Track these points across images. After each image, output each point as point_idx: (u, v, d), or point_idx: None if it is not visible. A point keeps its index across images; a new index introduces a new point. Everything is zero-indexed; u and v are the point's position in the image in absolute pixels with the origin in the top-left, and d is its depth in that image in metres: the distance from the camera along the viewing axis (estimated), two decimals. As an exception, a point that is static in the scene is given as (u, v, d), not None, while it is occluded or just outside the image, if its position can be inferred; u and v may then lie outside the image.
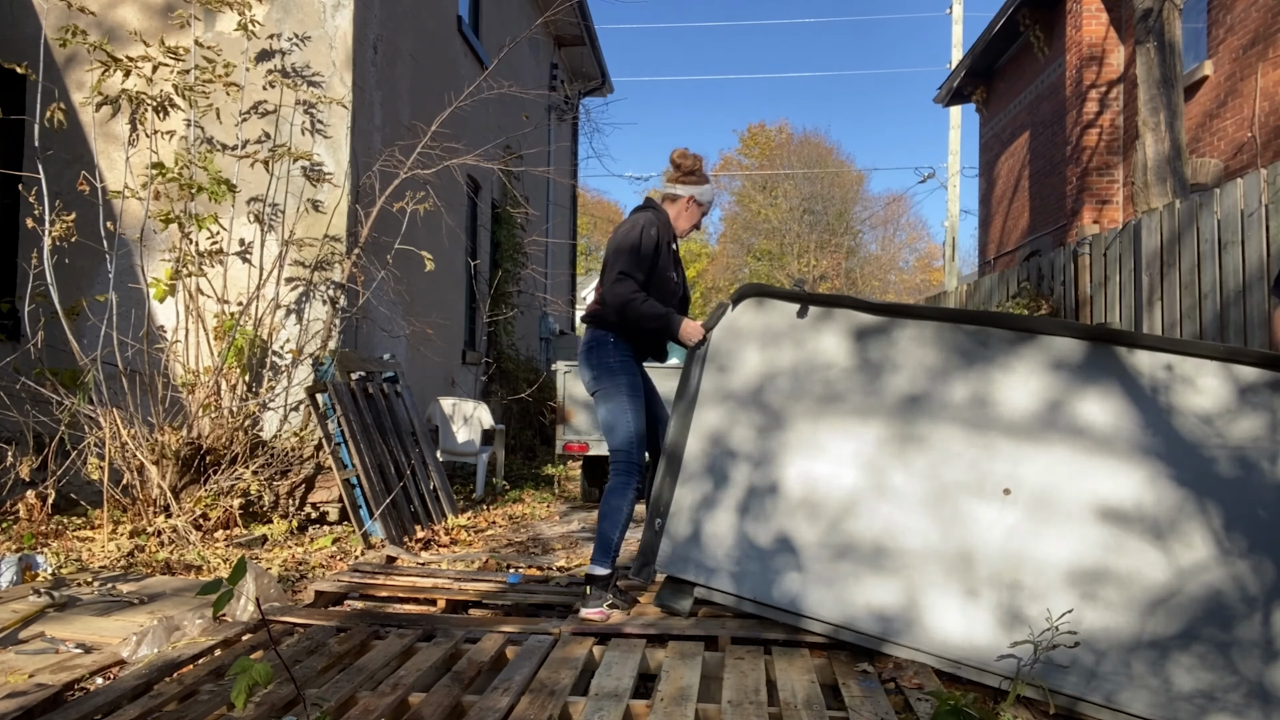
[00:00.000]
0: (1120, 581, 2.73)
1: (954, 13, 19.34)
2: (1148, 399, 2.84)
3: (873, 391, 3.20)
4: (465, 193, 9.22)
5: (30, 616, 3.54)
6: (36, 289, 5.66)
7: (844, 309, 3.29)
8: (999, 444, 2.98)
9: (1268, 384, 2.70)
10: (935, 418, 3.08)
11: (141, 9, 6.42)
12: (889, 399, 3.17)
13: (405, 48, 7.47)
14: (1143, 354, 2.86)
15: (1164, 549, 2.71)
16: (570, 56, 14.72)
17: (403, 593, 4.08)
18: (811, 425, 3.26)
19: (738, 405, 3.41)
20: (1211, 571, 2.64)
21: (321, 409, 5.73)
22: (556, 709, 2.59)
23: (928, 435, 3.08)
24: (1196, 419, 2.76)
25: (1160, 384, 2.84)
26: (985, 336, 3.06)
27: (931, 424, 3.09)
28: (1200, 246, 5.00)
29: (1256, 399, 2.71)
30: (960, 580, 2.93)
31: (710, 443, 3.43)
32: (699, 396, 3.46)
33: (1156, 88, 6.96)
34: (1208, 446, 2.73)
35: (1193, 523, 2.70)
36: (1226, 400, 2.74)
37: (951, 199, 19.16)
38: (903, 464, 3.10)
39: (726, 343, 3.45)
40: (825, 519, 3.19)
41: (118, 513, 5.48)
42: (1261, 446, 2.68)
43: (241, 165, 6.22)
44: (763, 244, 40.24)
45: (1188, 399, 2.79)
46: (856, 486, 3.15)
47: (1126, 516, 2.78)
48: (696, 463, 3.45)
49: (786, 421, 3.31)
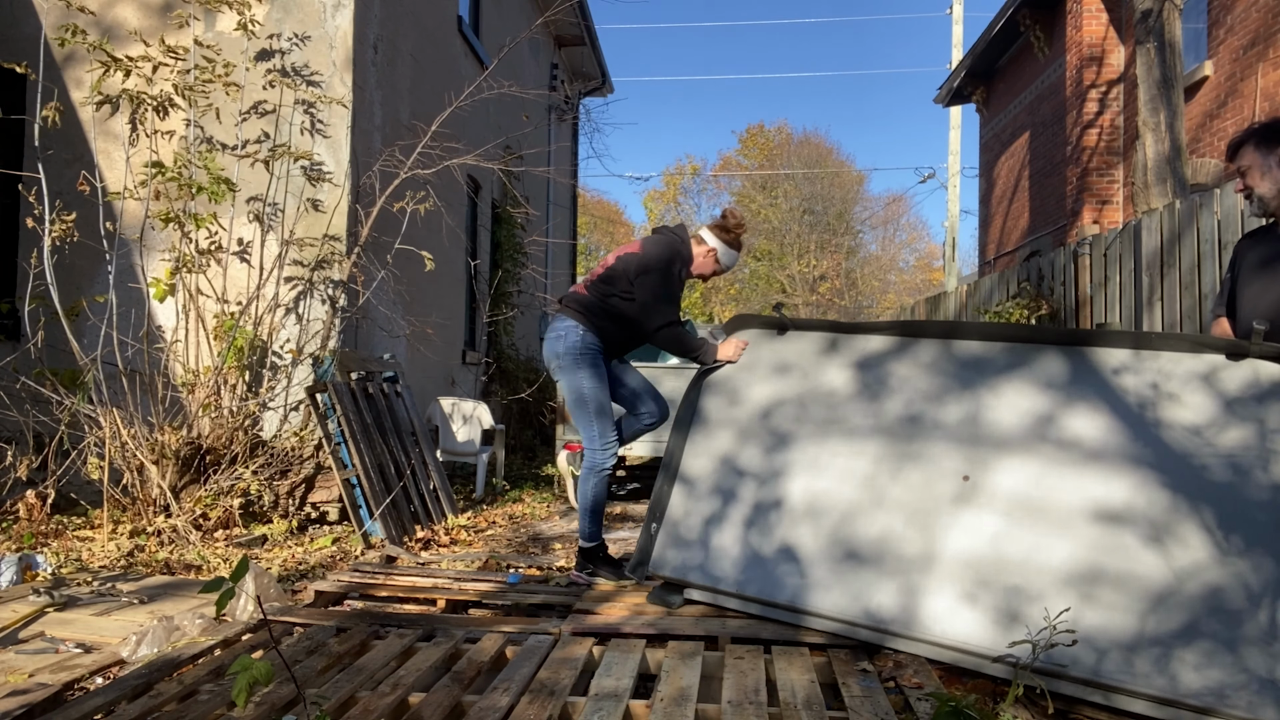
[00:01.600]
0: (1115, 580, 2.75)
1: (954, 13, 19.34)
2: (1122, 395, 2.90)
3: (870, 413, 3.33)
4: (465, 193, 9.22)
5: (30, 616, 3.54)
6: (36, 289, 5.66)
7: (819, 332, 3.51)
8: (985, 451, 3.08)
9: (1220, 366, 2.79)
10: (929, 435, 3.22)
11: (140, 8, 6.42)
12: (886, 419, 3.29)
13: (405, 48, 7.47)
14: (1117, 354, 2.94)
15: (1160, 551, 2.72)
16: (570, 56, 14.72)
17: (403, 593, 4.08)
18: (816, 444, 3.39)
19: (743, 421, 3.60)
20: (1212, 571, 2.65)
21: (321, 409, 5.73)
22: (556, 709, 2.59)
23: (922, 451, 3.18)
24: (1184, 427, 2.81)
25: (1137, 387, 2.89)
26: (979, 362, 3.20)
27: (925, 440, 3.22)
28: (1200, 247, 5.01)
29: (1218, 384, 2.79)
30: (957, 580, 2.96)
31: (718, 461, 3.56)
32: (708, 419, 3.66)
33: (1156, 88, 6.96)
34: (1197, 455, 2.76)
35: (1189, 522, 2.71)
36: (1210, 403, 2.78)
37: (951, 199, 19.17)
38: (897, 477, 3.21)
39: (735, 372, 3.63)
40: (827, 526, 3.28)
41: (118, 512, 5.48)
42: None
43: (241, 165, 6.22)
44: (763, 244, 40.23)
45: (1168, 405, 2.83)
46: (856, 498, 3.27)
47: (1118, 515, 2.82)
48: (702, 480, 3.60)
49: (790, 438, 3.46)
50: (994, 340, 3.19)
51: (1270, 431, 2.67)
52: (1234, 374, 2.76)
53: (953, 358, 3.25)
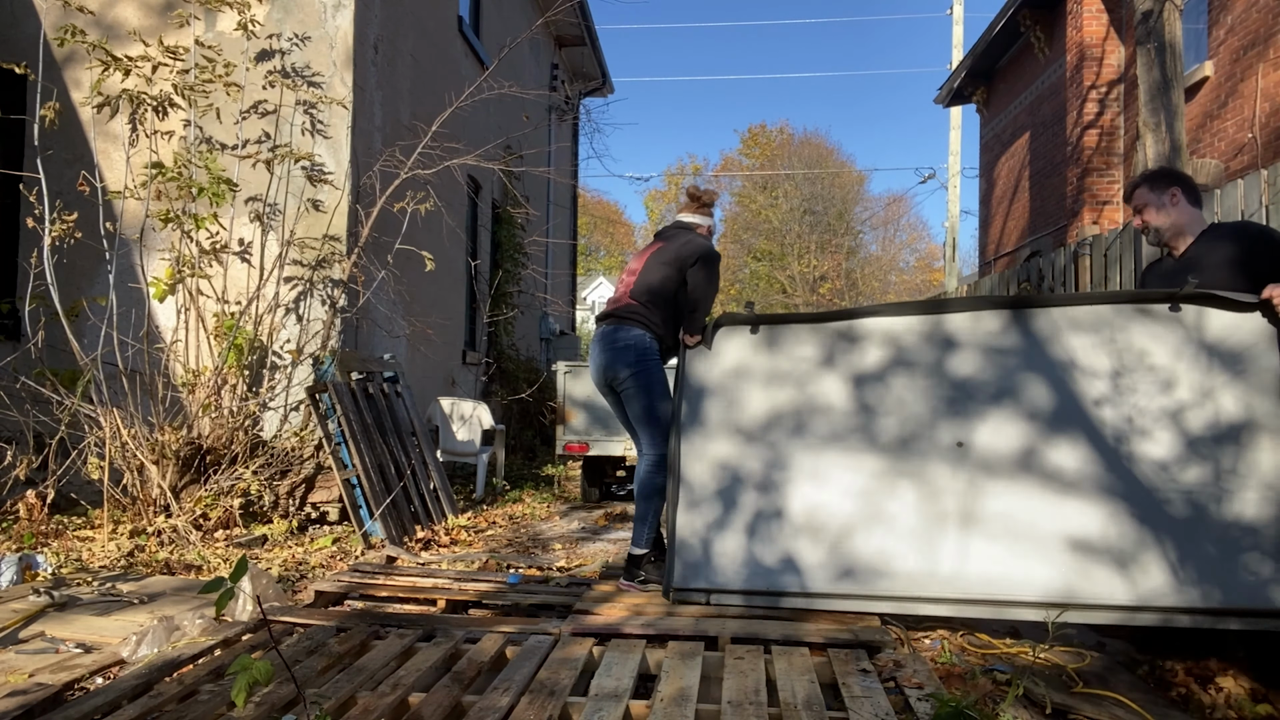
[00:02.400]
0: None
1: (954, 13, 19.35)
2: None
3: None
4: (465, 193, 9.22)
5: (30, 616, 3.54)
6: (36, 289, 5.66)
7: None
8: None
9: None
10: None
11: (140, 7, 6.42)
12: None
13: (405, 48, 7.47)
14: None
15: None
16: (570, 56, 14.72)
17: (403, 593, 4.08)
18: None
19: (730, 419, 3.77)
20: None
21: (322, 409, 5.73)
22: (556, 709, 2.59)
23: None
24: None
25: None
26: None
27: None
28: (1200, 247, 5.01)
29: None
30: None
31: (718, 466, 3.67)
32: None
33: (1157, 88, 6.96)
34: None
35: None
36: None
37: (952, 199, 19.17)
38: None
39: (731, 379, 3.71)
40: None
41: (118, 512, 5.48)
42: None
43: (241, 165, 6.22)
44: (763, 244, 40.22)
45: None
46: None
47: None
48: (701, 482, 3.70)
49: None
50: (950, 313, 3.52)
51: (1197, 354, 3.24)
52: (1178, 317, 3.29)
53: (924, 334, 3.54)
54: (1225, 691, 2.88)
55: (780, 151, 41.25)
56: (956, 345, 3.47)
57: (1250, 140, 8.34)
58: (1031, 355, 3.38)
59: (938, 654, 3.23)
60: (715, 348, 3.72)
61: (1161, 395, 3.24)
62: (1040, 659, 3.18)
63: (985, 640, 3.40)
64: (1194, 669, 3.07)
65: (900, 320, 3.55)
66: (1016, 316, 3.41)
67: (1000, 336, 3.42)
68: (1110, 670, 3.11)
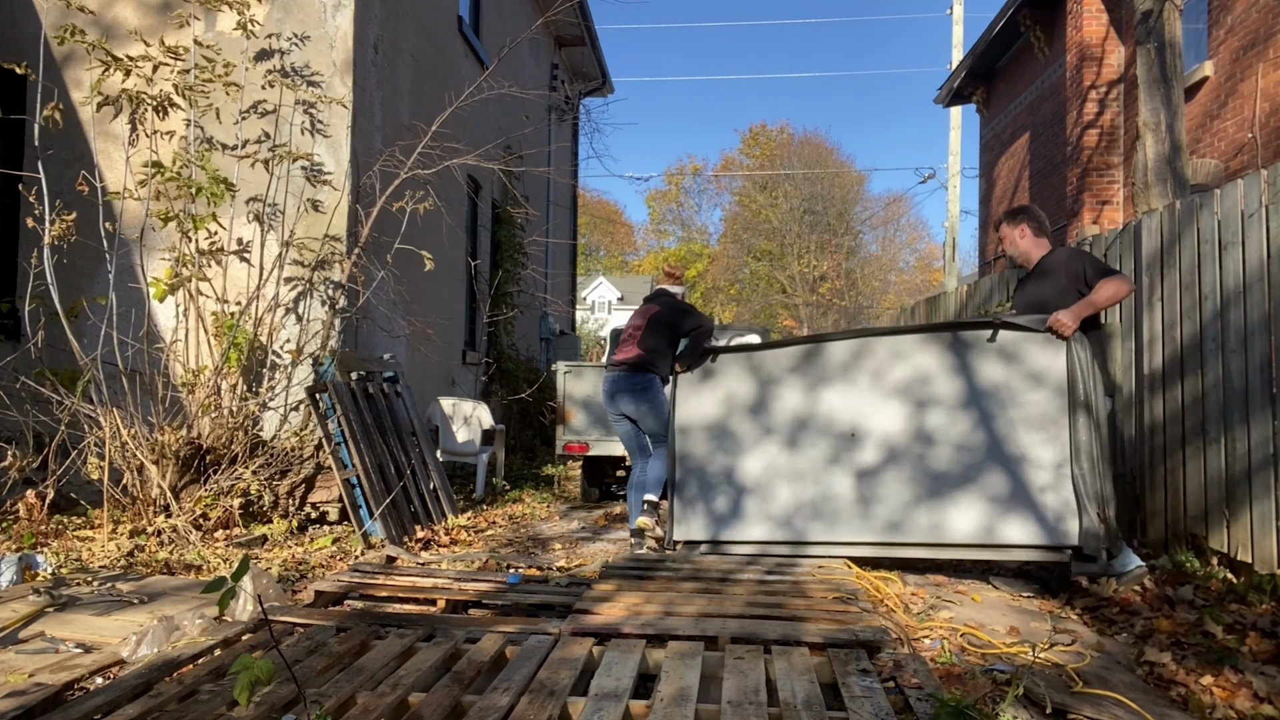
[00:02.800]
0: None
1: (954, 13, 19.34)
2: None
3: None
4: (465, 193, 9.22)
5: (30, 616, 3.54)
6: (36, 289, 5.65)
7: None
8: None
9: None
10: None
11: (140, 7, 6.42)
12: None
13: (405, 48, 7.47)
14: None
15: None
16: (570, 56, 14.72)
17: (403, 593, 4.08)
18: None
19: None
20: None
21: (321, 409, 5.73)
22: (556, 709, 2.59)
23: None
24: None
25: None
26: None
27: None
28: (1200, 247, 5.00)
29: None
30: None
31: (698, 453, 5.12)
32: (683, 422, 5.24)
33: (1157, 88, 6.96)
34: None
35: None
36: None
37: (952, 199, 19.16)
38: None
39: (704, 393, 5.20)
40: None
41: (118, 512, 5.48)
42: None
43: (241, 165, 6.22)
44: (763, 244, 40.22)
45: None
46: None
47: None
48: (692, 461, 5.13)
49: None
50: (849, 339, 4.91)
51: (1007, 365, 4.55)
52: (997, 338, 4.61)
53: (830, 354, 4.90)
54: (1226, 693, 2.88)
55: (780, 151, 41.26)
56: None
57: (1250, 140, 8.34)
58: (896, 368, 4.75)
59: (937, 654, 3.23)
60: (694, 374, 5.21)
61: (981, 387, 4.57)
62: (1040, 659, 3.18)
63: (985, 640, 3.40)
64: (1195, 670, 3.07)
65: (790, 350, 4.98)
66: (883, 342, 4.80)
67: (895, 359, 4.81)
68: (1110, 670, 3.11)
